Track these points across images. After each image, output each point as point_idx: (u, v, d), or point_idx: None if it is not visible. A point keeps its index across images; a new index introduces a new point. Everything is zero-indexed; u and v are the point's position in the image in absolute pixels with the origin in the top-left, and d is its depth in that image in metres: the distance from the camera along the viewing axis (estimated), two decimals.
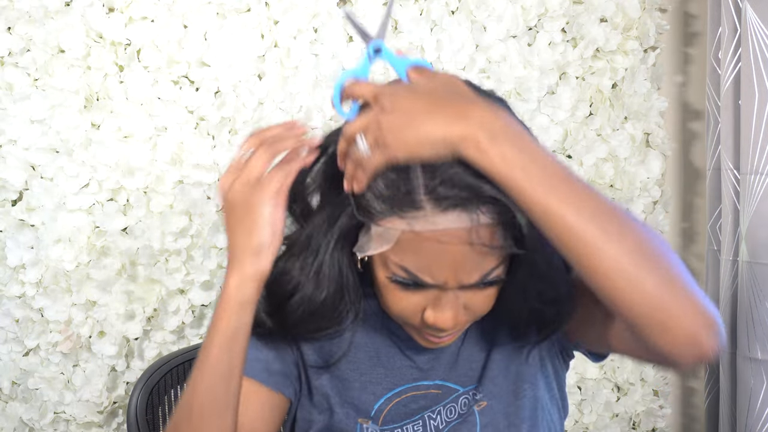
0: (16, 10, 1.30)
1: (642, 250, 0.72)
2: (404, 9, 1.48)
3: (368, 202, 0.79)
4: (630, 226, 0.72)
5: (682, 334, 0.72)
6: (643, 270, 0.71)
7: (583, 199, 0.72)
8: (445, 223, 0.77)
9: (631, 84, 1.64)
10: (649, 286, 0.71)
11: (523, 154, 0.72)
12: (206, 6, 1.38)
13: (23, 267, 1.33)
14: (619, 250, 0.71)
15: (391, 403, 0.95)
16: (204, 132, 1.39)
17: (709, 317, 0.72)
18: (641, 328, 0.73)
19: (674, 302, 0.71)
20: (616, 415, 1.67)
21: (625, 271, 0.71)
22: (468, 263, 0.79)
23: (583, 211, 0.71)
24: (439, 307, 0.82)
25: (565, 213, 0.71)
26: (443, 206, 0.76)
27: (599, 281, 0.72)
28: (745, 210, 1.42)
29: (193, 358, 1.27)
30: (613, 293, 0.72)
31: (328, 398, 0.96)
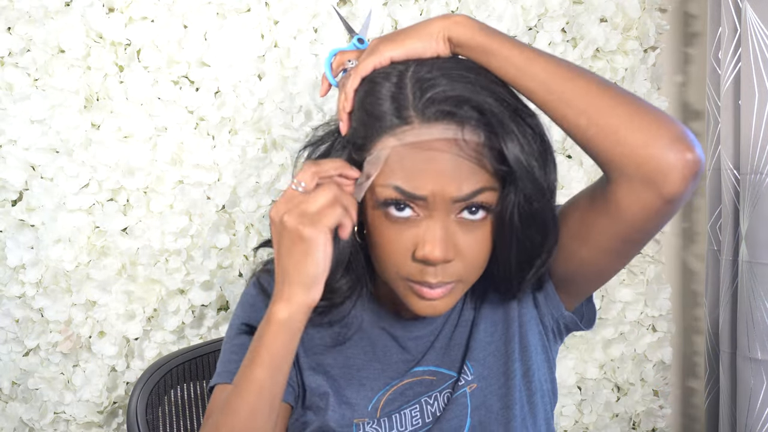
0: (16, 10, 1.30)
1: (605, 83, 0.82)
2: (404, 9, 1.48)
3: (357, 131, 0.84)
4: (589, 72, 0.83)
5: (661, 138, 0.78)
6: (613, 96, 0.80)
7: (552, 56, 0.84)
8: (432, 133, 0.81)
9: (631, 84, 1.64)
10: (619, 106, 0.80)
11: (497, 32, 0.84)
12: (206, 6, 1.38)
13: (23, 267, 1.33)
14: (589, 82, 0.81)
15: (387, 394, 0.96)
16: (204, 132, 1.39)
17: (682, 128, 0.79)
18: (621, 154, 0.79)
19: (645, 116, 0.79)
20: (616, 415, 1.67)
21: (594, 98, 0.81)
22: (456, 174, 0.82)
23: (555, 60, 0.83)
24: (429, 236, 0.84)
25: (540, 59, 0.82)
26: (429, 118, 0.81)
27: (574, 118, 0.82)
28: (745, 210, 1.42)
29: (193, 358, 1.28)
30: (590, 128, 0.81)
31: (324, 398, 0.96)
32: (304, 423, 0.97)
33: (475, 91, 0.81)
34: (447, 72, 0.83)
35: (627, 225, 0.83)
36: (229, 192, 1.41)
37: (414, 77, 0.83)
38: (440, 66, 0.83)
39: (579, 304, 0.98)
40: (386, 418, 0.95)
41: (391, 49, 0.85)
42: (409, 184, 0.82)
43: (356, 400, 0.96)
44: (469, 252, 0.86)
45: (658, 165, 0.77)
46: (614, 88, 0.81)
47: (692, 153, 0.76)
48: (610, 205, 0.82)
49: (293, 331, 0.83)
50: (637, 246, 0.88)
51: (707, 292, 1.59)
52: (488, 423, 0.94)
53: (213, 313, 1.43)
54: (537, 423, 0.97)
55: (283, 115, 1.41)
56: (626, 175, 0.79)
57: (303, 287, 0.82)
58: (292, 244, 0.81)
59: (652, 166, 0.77)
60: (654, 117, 0.79)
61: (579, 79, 0.82)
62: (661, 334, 1.69)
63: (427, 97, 0.81)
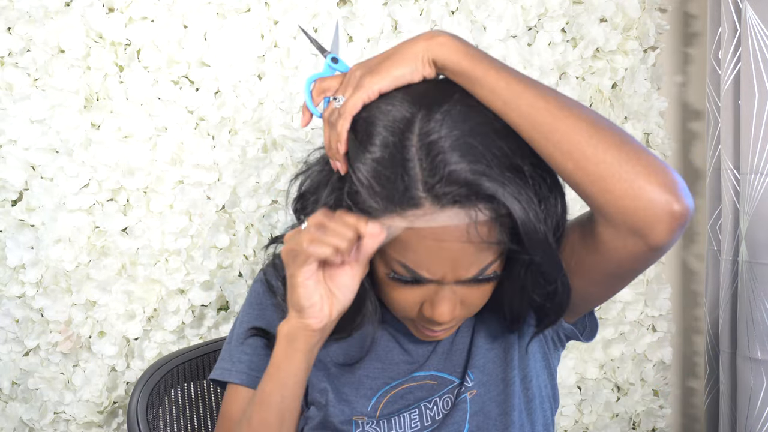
0: (16, 10, 1.30)
1: (595, 123, 0.78)
2: (404, 9, 1.48)
3: (365, 200, 0.80)
4: (580, 106, 0.79)
5: (648, 191, 0.75)
6: (601, 140, 0.76)
7: (541, 86, 0.80)
8: (444, 219, 0.78)
9: (631, 84, 1.64)
10: (606, 152, 0.76)
11: (483, 56, 0.81)
12: (206, 6, 1.38)
13: (23, 267, 1.33)
14: (576, 121, 0.77)
15: (387, 396, 0.96)
16: (204, 132, 1.39)
17: (671, 175, 0.76)
18: (606, 201, 0.76)
19: (633, 164, 0.75)
20: (616, 415, 1.67)
21: (581, 142, 0.77)
22: (466, 258, 0.81)
23: (544, 93, 0.79)
24: (437, 301, 0.85)
25: (527, 93, 0.78)
26: (442, 203, 0.78)
27: (560, 159, 0.78)
28: (745, 210, 1.42)
29: (193, 358, 1.28)
30: (576, 171, 0.77)
31: (323, 394, 0.96)
32: (307, 417, 0.97)
33: (489, 166, 0.77)
34: (456, 139, 0.78)
35: (614, 264, 0.82)
36: (229, 192, 1.41)
37: (422, 144, 0.78)
38: (448, 124, 0.78)
39: (581, 317, 0.99)
40: (385, 420, 0.95)
41: (377, 81, 0.82)
42: (419, 268, 0.82)
43: (354, 398, 0.96)
44: (474, 303, 0.88)
45: (644, 217, 0.75)
46: (605, 128, 0.78)
47: (680, 204, 0.74)
48: (598, 244, 0.81)
49: (295, 348, 0.85)
50: (627, 280, 0.88)
51: (707, 292, 1.59)
52: (486, 428, 0.94)
53: (213, 313, 1.43)
54: (535, 429, 0.97)
55: (283, 115, 1.41)
56: (612, 222, 0.77)
57: (296, 312, 0.84)
58: (287, 275, 0.84)
59: (639, 217, 0.75)
60: (643, 164, 0.75)
61: (568, 117, 0.78)
62: (661, 334, 1.69)
63: (438, 179, 0.77)
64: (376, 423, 0.95)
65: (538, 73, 1.56)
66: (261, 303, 1.01)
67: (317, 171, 0.90)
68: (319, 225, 0.80)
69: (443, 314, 0.85)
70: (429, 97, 0.81)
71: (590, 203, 0.79)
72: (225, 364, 1.00)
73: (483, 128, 0.79)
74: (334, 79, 0.88)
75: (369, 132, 0.81)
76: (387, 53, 0.84)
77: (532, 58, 1.56)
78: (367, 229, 0.79)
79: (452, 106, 0.80)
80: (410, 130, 0.79)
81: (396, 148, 0.79)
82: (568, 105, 0.79)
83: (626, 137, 0.78)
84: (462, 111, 0.80)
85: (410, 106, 0.80)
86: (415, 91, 0.82)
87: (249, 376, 0.97)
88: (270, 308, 0.99)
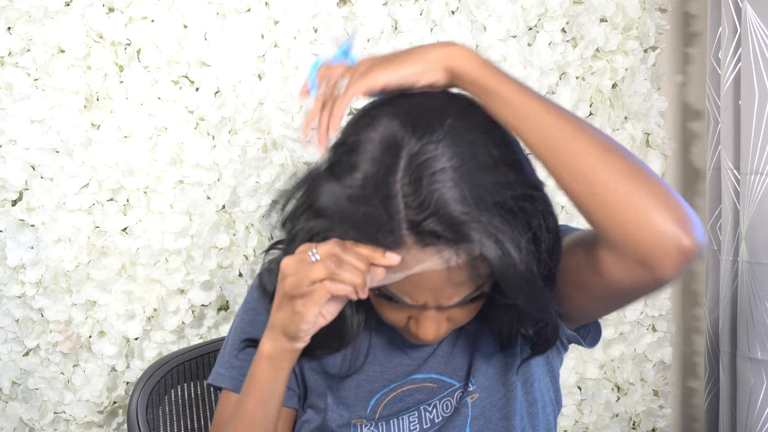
0: (16, 10, 1.30)
1: (608, 147, 0.76)
2: (404, 9, 1.48)
3: (346, 232, 0.78)
4: (594, 129, 0.78)
5: (658, 223, 0.72)
6: (613, 165, 0.75)
7: (556, 106, 0.79)
8: (426, 258, 0.76)
9: (631, 84, 1.64)
10: (618, 181, 0.74)
11: (499, 71, 0.80)
12: (206, 6, 1.38)
13: (23, 267, 1.33)
14: (590, 144, 0.76)
15: (386, 398, 0.96)
16: (204, 132, 1.39)
17: (683, 209, 0.73)
18: (614, 229, 0.74)
19: (644, 193, 0.73)
20: (616, 415, 1.67)
21: (592, 165, 0.75)
22: (447, 289, 0.80)
23: (558, 112, 0.78)
24: (421, 321, 0.85)
25: (541, 109, 0.77)
26: (425, 242, 0.76)
27: (569, 180, 0.76)
28: (745, 210, 1.42)
29: (193, 358, 1.28)
30: (583, 194, 0.75)
31: (322, 397, 0.96)
32: (305, 421, 0.97)
33: (478, 207, 0.75)
34: (446, 175, 0.75)
35: (615, 288, 0.80)
36: (229, 192, 1.41)
37: (409, 180, 0.75)
38: (438, 158, 0.75)
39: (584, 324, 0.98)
40: (384, 422, 0.95)
41: (384, 73, 0.80)
42: (400, 294, 0.82)
43: (353, 401, 0.96)
44: (461, 319, 0.88)
45: (651, 249, 0.73)
46: (619, 153, 0.76)
47: (690, 238, 0.72)
48: (599, 267, 0.78)
49: (279, 367, 0.85)
50: (629, 302, 0.87)
51: (707, 292, 1.59)
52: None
53: (213, 313, 1.43)
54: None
55: (283, 115, 1.41)
56: (617, 249, 0.75)
57: (286, 337, 0.83)
58: (284, 302, 0.81)
59: (645, 249, 0.73)
60: (655, 194, 0.73)
61: (581, 139, 0.76)
62: (661, 334, 1.69)
63: (423, 217, 0.75)
64: (374, 425, 0.94)
65: (538, 73, 1.56)
66: (256, 309, 1.00)
67: (300, 195, 0.88)
68: (334, 258, 0.77)
69: (428, 334, 0.85)
70: (420, 117, 0.78)
71: (596, 228, 0.77)
72: (220, 369, 1.00)
73: (475, 162, 0.77)
74: (340, 67, 0.86)
75: (351, 163, 0.78)
76: (401, 51, 0.83)
77: (532, 58, 1.56)
78: (386, 261, 0.76)
79: (444, 134, 0.77)
80: (396, 164, 0.76)
81: (379, 184, 0.76)
82: (583, 127, 0.78)
83: (640, 165, 0.76)
84: (454, 142, 0.77)
85: (399, 129, 0.77)
86: (405, 108, 0.79)
87: (242, 383, 0.95)
88: (264, 313, 0.98)
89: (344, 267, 0.77)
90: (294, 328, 0.81)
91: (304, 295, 0.78)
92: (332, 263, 0.76)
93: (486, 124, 0.80)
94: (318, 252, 0.77)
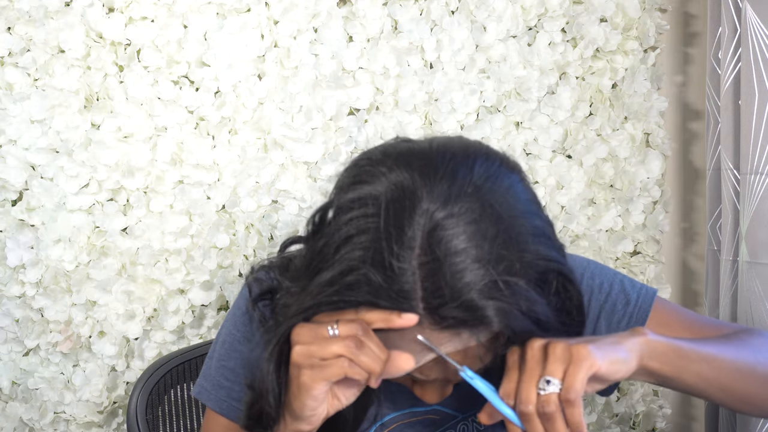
0: (16, 10, 1.30)
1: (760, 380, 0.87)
2: (404, 9, 1.48)
3: (341, 290, 0.74)
4: (748, 358, 0.87)
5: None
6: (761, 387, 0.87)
7: (717, 370, 0.84)
8: (441, 341, 0.73)
9: (631, 84, 1.64)
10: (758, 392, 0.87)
11: (680, 360, 0.81)
12: (206, 6, 1.38)
13: (23, 267, 1.33)
14: (750, 380, 0.86)
15: (385, 430, 0.93)
16: (204, 132, 1.39)
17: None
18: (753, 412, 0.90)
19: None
20: (616, 415, 1.67)
21: (732, 407, 0.90)
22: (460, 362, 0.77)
23: (717, 381, 0.84)
24: (428, 387, 0.84)
25: (716, 379, 0.84)
26: (443, 325, 0.72)
27: (729, 402, 0.88)
28: (745, 210, 1.42)
29: (193, 358, 1.28)
30: (734, 404, 0.89)
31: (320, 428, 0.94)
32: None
33: (498, 290, 0.71)
34: (466, 255, 0.71)
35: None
36: (229, 192, 1.41)
37: (425, 259, 0.71)
38: (458, 236, 0.71)
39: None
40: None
41: (600, 355, 0.72)
42: (413, 370, 0.77)
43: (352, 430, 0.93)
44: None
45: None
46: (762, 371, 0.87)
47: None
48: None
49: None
50: None
51: (707, 292, 1.59)
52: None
53: (213, 313, 1.43)
54: None
55: (283, 115, 1.41)
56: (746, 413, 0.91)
57: (292, 416, 0.78)
58: (294, 374, 0.76)
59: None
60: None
61: (743, 379, 0.86)
62: None
63: (441, 301, 0.71)
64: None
65: (538, 73, 1.56)
66: (234, 336, 0.96)
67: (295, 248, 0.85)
68: (355, 340, 0.72)
69: (433, 399, 0.84)
70: (440, 184, 0.73)
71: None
72: (205, 383, 0.96)
73: (498, 240, 0.72)
74: (511, 382, 0.74)
75: (346, 234, 0.73)
76: (599, 336, 0.78)
77: (532, 58, 1.56)
78: (403, 322, 0.71)
79: (465, 207, 0.72)
80: (413, 240, 0.71)
81: (396, 255, 0.71)
82: (743, 369, 0.86)
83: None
84: (475, 219, 0.72)
85: (417, 194, 0.72)
86: (417, 165, 0.74)
87: (229, 405, 0.94)
88: (244, 343, 0.95)
89: (365, 351, 0.73)
90: (298, 404, 0.76)
91: (313, 367, 0.74)
92: (353, 343, 0.72)
93: (509, 191, 0.76)
94: (339, 328, 0.73)
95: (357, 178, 0.77)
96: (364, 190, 0.75)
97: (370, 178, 0.75)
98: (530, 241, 0.75)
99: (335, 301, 0.74)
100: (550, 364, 0.71)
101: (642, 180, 1.66)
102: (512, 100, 1.55)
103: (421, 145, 0.78)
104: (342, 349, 0.72)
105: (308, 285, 0.76)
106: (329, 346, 0.72)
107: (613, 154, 1.63)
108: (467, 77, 1.52)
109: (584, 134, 1.60)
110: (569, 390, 0.70)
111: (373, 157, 0.78)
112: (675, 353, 0.79)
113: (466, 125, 1.53)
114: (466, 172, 0.75)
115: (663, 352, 0.78)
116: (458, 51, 1.51)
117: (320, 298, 0.74)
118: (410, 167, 0.74)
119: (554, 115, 1.57)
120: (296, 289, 0.79)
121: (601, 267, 0.97)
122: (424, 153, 0.77)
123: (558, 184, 1.56)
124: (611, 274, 0.96)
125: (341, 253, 0.73)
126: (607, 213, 1.63)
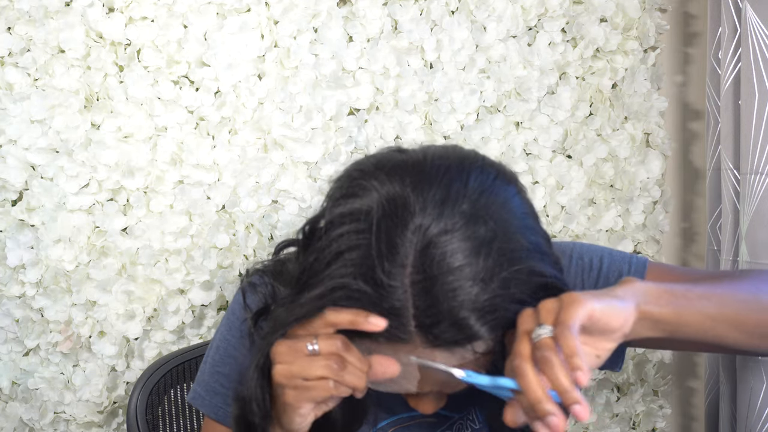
0: (16, 10, 1.30)
1: (756, 322, 0.84)
2: (404, 9, 1.48)
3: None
4: (747, 303, 0.83)
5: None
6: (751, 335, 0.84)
7: (719, 304, 0.81)
8: (433, 358, 0.73)
9: (631, 84, 1.64)
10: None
11: (675, 300, 0.78)
12: (206, 6, 1.38)
13: (23, 267, 1.33)
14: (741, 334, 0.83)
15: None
16: (204, 132, 1.39)
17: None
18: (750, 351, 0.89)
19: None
20: (616, 415, 1.67)
21: (748, 345, 0.85)
22: (452, 382, 0.76)
23: (723, 315, 0.81)
24: (422, 399, 0.82)
25: (712, 321, 0.80)
26: (435, 344, 0.72)
27: (717, 347, 0.87)
28: (745, 210, 1.42)
29: (193, 358, 1.28)
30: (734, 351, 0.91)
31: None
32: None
33: (492, 308, 0.70)
34: (457, 277, 0.70)
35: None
36: (229, 192, 1.41)
37: (418, 278, 0.70)
38: (451, 250, 0.70)
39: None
40: None
41: (593, 301, 0.70)
42: (405, 385, 0.78)
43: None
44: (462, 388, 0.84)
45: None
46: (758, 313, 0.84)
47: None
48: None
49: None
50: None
51: None
52: None
53: (213, 313, 1.43)
54: None
55: (283, 115, 1.41)
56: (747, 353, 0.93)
57: (281, 427, 0.78)
58: (278, 392, 0.76)
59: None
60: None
61: (730, 328, 0.82)
62: None
63: (434, 321, 0.70)
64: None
65: (538, 73, 1.56)
66: (229, 342, 0.96)
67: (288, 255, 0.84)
68: (337, 359, 0.72)
69: (427, 410, 0.82)
70: (433, 199, 0.72)
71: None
72: (201, 389, 0.96)
73: (492, 257, 0.71)
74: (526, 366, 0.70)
75: (336, 250, 0.73)
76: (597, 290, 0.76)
77: (532, 58, 1.56)
78: (370, 326, 0.70)
79: (460, 223, 0.71)
80: (406, 257, 0.70)
81: (387, 272, 0.70)
82: (747, 299, 0.83)
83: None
84: (469, 236, 0.71)
85: (409, 210, 0.71)
86: (410, 178, 0.73)
87: (225, 412, 0.94)
88: (239, 348, 0.95)
89: (348, 369, 0.72)
90: (287, 419, 0.76)
91: (297, 388, 0.73)
92: (335, 363, 0.72)
93: (504, 205, 0.75)
94: (319, 344, 0.72)
95: (349, 191, 0.76)
96: (356, 204, 0.74)
97: (361, 191, 0.74)
98: (525, 257, 0.74)
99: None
100: (541, 316, 0.70)
101: (642, 180, 1.66)
102: (512, 100, 1.55)
103: (415, 157, 0.77)
104: (325, 371, 0.72)
105: (297, 299, 0.75)
106: (311, 367, 0.72)
107: (613, 154, 1.63)
108: (467, 77, 1.52)
109: (584, 134, 1.60)
110: (560, 324, 0.68)
111: (366, 169, 0.77)
112: (672, 295, 0.77)
113: (466, 125, 1.53)
114: (461, 186, 0.74)
115: (659, 295, 0.76)
116: (458, 51, 1.51)
117: (309, 313, 0.74)
118: (403, 181, 0.73)
119: (554, 115, 1.57)
120: (287, 301, 0.78)
121: (588, 245, 0.95)
122: (417, 165, 0.75)
123: (558, 184, 1.56)
124: (599, 250, 0.94)
125: (332, 268, 0.73)
126: (607, 213, 1.63)
